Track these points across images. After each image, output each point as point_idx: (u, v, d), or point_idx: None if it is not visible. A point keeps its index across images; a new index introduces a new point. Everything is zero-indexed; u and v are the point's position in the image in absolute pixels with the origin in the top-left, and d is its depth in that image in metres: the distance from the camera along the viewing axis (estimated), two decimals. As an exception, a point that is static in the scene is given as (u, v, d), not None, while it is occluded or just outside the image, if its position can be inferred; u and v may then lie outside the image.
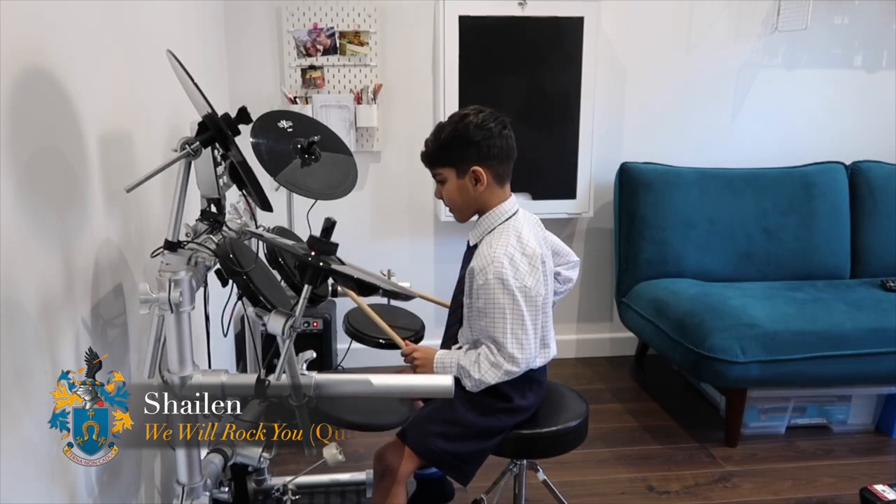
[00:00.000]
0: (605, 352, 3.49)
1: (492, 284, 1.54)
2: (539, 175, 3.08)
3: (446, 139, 1.62)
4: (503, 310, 1.54)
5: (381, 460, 1.70)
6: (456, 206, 1.69)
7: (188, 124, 1.91)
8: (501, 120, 1.64)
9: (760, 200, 3.07)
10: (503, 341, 1.55)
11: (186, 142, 1.19)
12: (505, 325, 1.55)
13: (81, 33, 1.29)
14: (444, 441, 1.63)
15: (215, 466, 1.48)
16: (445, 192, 1.68)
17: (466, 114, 1.63)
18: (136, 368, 1.56)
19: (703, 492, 2.33)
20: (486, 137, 1.60)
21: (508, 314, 1.55)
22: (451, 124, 1.63)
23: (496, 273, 1.54)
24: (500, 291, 1.54)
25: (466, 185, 1.63)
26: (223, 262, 1.23)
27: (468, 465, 1.69)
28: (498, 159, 1.62)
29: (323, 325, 2.73)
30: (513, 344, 1.55)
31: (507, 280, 1.53)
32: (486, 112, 1.63)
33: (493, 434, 1.67)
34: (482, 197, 1.64)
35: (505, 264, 1.54)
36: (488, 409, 1.64)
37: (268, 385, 1.21)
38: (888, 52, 3.29)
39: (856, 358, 2.49)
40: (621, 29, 3.12)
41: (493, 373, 1.57)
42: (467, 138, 1.60)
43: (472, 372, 1.58)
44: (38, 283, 1.10)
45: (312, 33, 2.89)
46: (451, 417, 1.64)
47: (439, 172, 1.67)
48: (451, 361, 1.63)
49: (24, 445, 1.05)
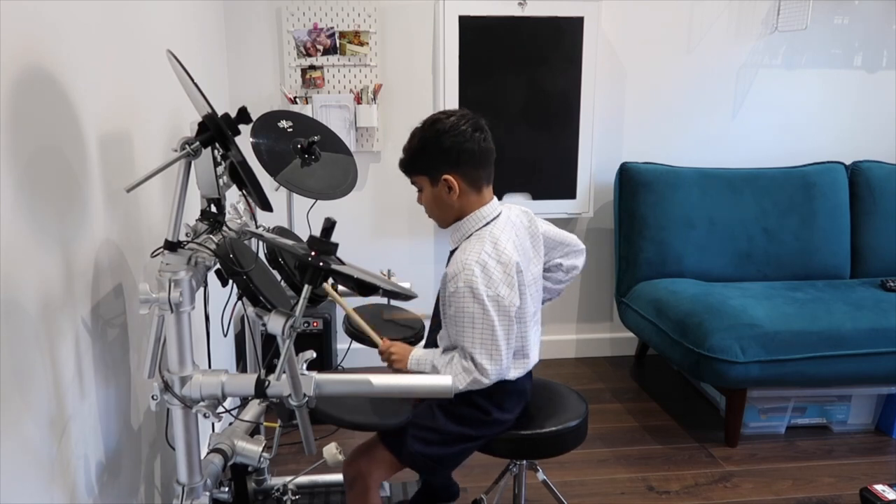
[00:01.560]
0: (605, 352, 3.49)
1: (461, 292, 1.49)
2: (539, 175, 3.09)
3: (416, 148, 1.57)
4: (472, 319, 1.50)
5: (351, 467, 1.67)
6: (434, 215, 1.64)
7: (188, 124, 1.92)
8: (474, 121, 1.56)
9: (760, 200, 3.07)
10: (471, 351, 1.51)
11: (186, 142, 1.20)
12: (473, 336, 1.50)
13: (81, 33, 1.29)
14: (421, 444, 1.61)
15: (215, 466, 1.48)
16: (423, 201, 1.63)
17: (437, 119, 1.56)
18: (136, 368, 1.57)
19: (703, 492, 2.33)
20: (456, 143, 1.53)
21: (478, 324, 1.50)
22: (421, 131, 1.57)
23: (466, 281, 1.48)
24: (470, 300, 1.49)
25: (440, 193, 1.57)
26: (223, 262, 1.23)
27: (442, 467, 1.68)
28: (471, 164, 1.56)
29: (323, 325, 2.73)
30: (481, 354, 1.51)
31: (476, 289, 1.48)
32: (458, 114, 1.56)
33: (470, 440, 1.65)
34: (458, 204, 1.58)
35: (476, 272, 1.48)
36: (466, 420, 1.63)
37: (268, 385, 1.21)
38: (888, 52, 3.29)
39: (856, 358, 2.49)
40: (621, 29, 3.12)
41: (462, 378, 1.52)
42: (437, 145, 1.54)
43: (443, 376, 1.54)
44: (38, 283, 1.10)
45: (312, 33, 2.89)
46: (430, 425, 1.62)
47: (415, 181, 1.62)
48: (426, 360, 1.60)
49: (24, 445, 1.05)
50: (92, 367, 1.31)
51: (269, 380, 1.20)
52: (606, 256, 3.36)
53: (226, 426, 1.77)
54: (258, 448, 1.58)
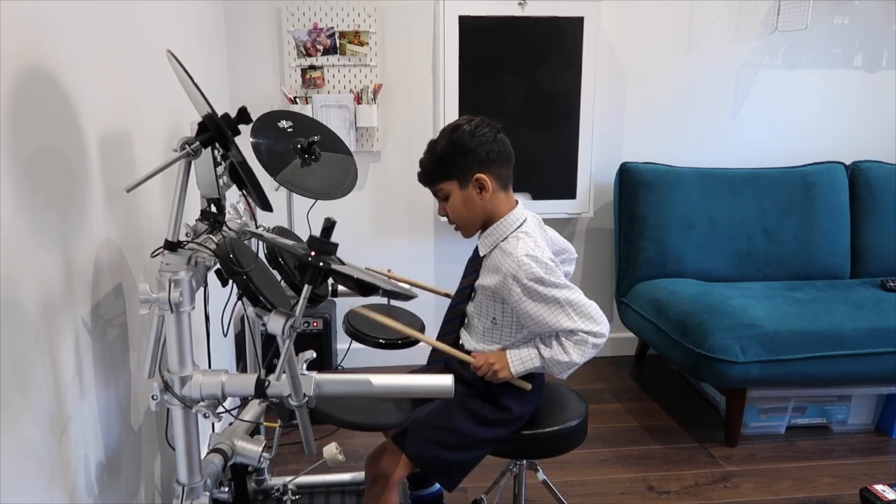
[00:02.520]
0: (605, 352, 3.48)
1: (531, 288, 1.53)
2: (539, 175, 3.08)
3: (442, 151, 1.59)
4: (556, 302, 1.53)
5: (373, 465, 1.67)
6: (463, 221, 1.64)
7: (188, 124, 1.92)
8: (494, 126, 1.61)
9: (760, 200, 3.07)
10: (576, 328, 1.54)
11: (186, 142, 1.19)
12: (568, 313, 1.54)
13: (81, 33, 1.29)
14: (440, 449, 1.62)
15: (215, 466, 1.48)
16: (450, 208, 1.63)
17: (459, 124, 1.60)
18: (136, 368, 1.57)
19: (703, 492, 2.33)
20: (483, 143, 1.57)
21: (563, 304, 1.54)
22: (445, 137, 1.59)
23: (529, 275, 1.52)
24: (543, 289, 1.53)
25: (472, 195, 1.59)
26: (223, 262, 1.23)
27: (458, 473, 1.68)
28: (498, 163, 1.60)
29: (323, 325, 2.73)
30: (585, 324, 1.54)
31: (542, 278, 1.52)
32: (477, 120, 1.60)
33: (488, 444, 1.66)
34: (489, 205, 1.60)
35: (533, 265, 1.52)
36: (486, 420, 1.63)
37: (268, 385, 1.21)
38: (888, 52, 3.29)
39: (856, 358, 2.49)
40: (621, 29, 3.12)
41: (580, 350, 1.54)
42: (464, 147, 1.57)
43: (559, 357, 1.55)
44: (38, 283, 1.10)
45: (312, 33, 2.89)
46: (448, 425, 1.63)
47: (440, 188, 1.62)
48: (527, 356, 1.60)
49: (24, 445, 1.05)
50: (92, 367, 1.31)
51: (269, 380, 1.20)
52: (606, 256, 3.36)
53: (226, 426, 1.77)
54: (258, 448, 1.58)
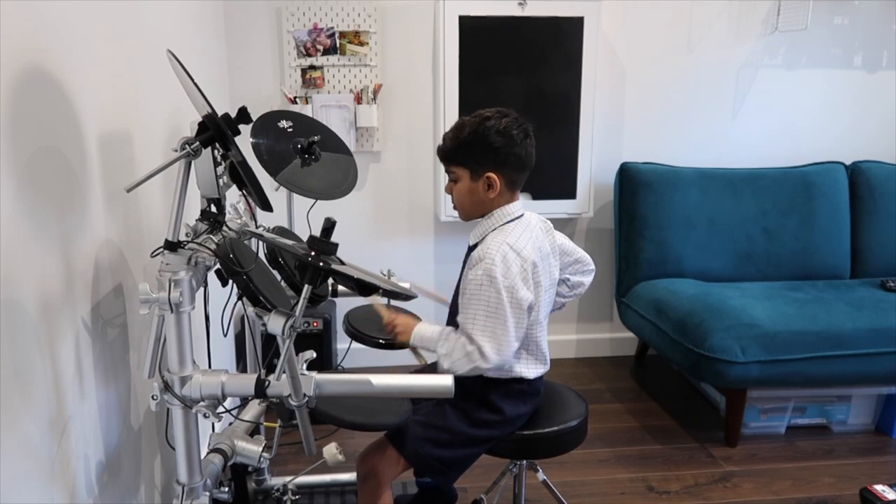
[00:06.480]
0: (605, 352, 3.49)
1: (479, 279, 1.52)
2: (539, 175, 3.04)
3: (465, 139, 1.58)
4: (486, 305, 1.51)
5: (364, 463, 1.67)
6: (464, 207, 1.66)
7: (188, 124, 1.92)
8: (525, 128, 1.59)
9: (760, 200, 3.07)
10: (477, 337, 1.51)
11: (186, 142, 1.20)
12: (485, 322, 1.51)
13: (81, 33, 1.29)
14: (432, 446, 1.62)
15: (215, 466, 1.48)
16: (456, 191, 1.65)
17: (489, 116, 1.58)
18: (136, 368, 1.57)
19: (703, 492, 2.33)
20: (507, 145, 1.56)
21: (490, 311, 1.51)
22: (472, 125, 1.58)
23: (486, 269, 1.51)
24: (487, 286, 1.51)
25: (479, 188, 1.60)
26: (223, 262, 1.23)
27: (452, 471, 1.68)
28: (514, 168, 1.59)
29: (323, 325, 2.73)
30: (486, 340, 1.51)
31: (494, 276, 1.50)
32: (511, 117, 1.58)
33: (482, 443, 1.66)
34: (492, 203, 1.62)
35: (497, 261, 1.51)
36: (479, 421, 1.63)
37: (268, 385, 1.21)
38: (888, 52, 3.29)
39: (856, 358, 2.49)
40: (621, 29, 3.12)
41: (463, 362, 1.52)
42: (487, 143, 1.56)
43: (443, 362, 1.55)
44: (38, 283, 1.10)
45: (312, 33, 2.89)
46: (441, 424, 1.63)
47: (453, 171, 1.63)
48: (431, 336, 1.60)
49: (24, 445, 1.05)
50: (92, 367, 1.31)
51: (269, 380, 1.20)
52: (606, 256, 3.35)
53: (226, 426, 1.77)
54: (258, 448, 1.58)
